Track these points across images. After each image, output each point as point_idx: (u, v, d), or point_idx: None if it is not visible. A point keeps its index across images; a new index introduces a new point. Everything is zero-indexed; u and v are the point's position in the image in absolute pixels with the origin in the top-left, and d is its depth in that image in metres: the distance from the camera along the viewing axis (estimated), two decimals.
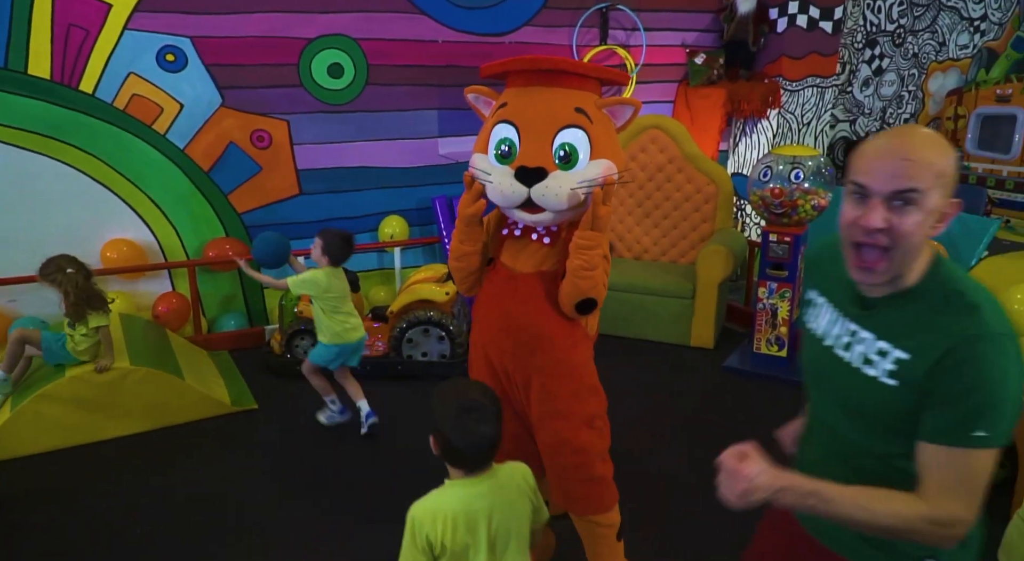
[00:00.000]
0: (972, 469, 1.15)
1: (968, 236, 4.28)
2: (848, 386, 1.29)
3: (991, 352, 1.13)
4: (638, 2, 5.60)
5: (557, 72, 2.19)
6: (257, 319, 5.10)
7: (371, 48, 4.99)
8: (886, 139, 1.20)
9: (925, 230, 1.18)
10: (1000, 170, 6.74)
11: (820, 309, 1.40)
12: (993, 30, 7.24)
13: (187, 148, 4.69)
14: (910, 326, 1.21)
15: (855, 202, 1.21)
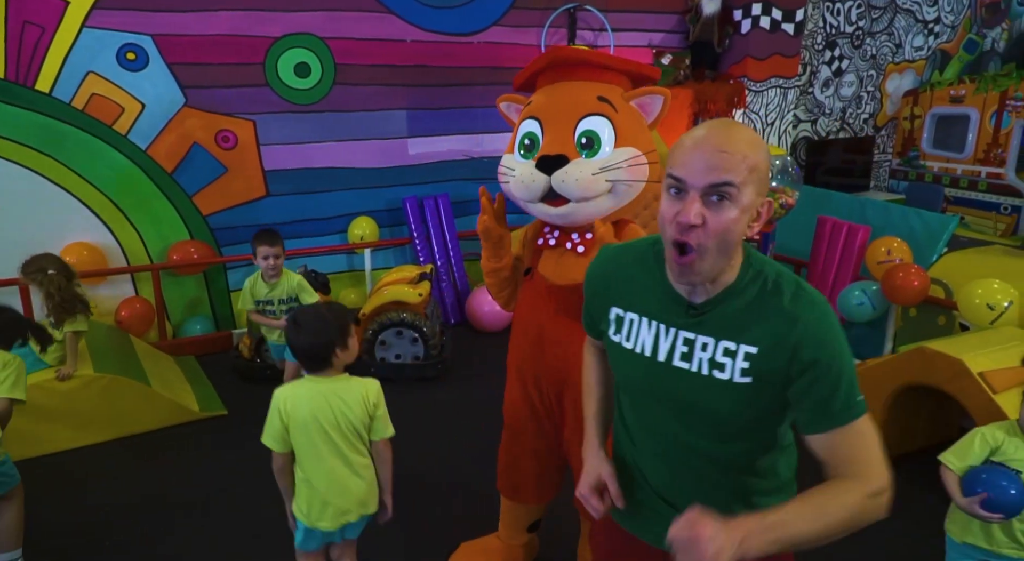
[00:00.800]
0: (870, 433, 1.21)
1: (928, 233, 4.39)
2: (697, 396, 1.25)
3: (829, 324, 1.18)
4: (605, 3, 5.63)
5: (580, 65, 2.20)
6: (224, 323, 5.00)
7: (339, 47, 4.93)
8: (702, 131, 1.18)
9: (741, 228, 1.16)
10: (955, 168, 6.94)
11: (635, 326, 1.33)
12: (946, 32, 7.45)
13: (149, 149, 4.57)
14: (747, 319, 1.21)
15: (672, 198, 1.18)
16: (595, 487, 1.43)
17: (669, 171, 1.18)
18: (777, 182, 4.11)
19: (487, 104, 5.48)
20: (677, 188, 1.17)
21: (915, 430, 3.54)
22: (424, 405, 4.12)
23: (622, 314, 1.35)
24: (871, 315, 4.05)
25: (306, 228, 5.12)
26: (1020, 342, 3.20)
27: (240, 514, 3.12)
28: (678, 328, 1.27)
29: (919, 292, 3.80)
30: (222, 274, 4.95)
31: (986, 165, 6.68)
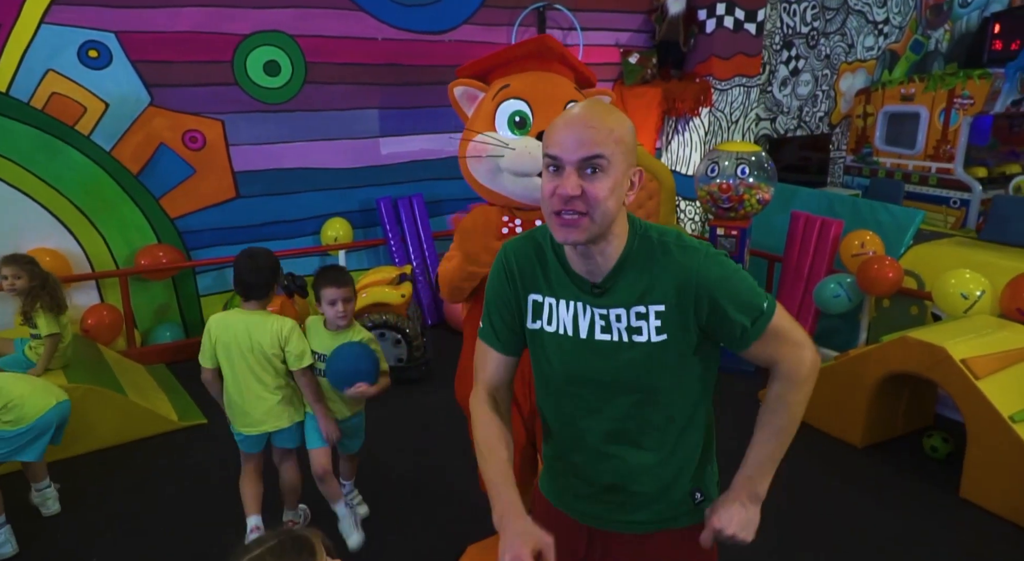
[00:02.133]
0: (786, 329, 1.34)
1: (896, 227, 4.54)
2: (619, 362, 1.33)
3: (716, 262, 1.30)
4: (574, 2, 5.66)
5: (557, 59, 2.31)
6: (193, 330, 4.85)
7: (309, 45, 4.83)
8: (571, 112, 1.27)
9: (619, 196, 1.26)
10: (906, 164, 7.20)
11: (554, 309, 1.38)
12: (895, 33, 7.72)
13: (114, 150, 4.40)
14: (645, 283, 1.30)
15: (551, 175, 1.26)
16: (532, 553, 1.28)
17: (546, 151, 1.26)
18: (754, 178, 4.19)
19: None
20: (555, 166, 1.25)
21: (896, 418, 3.65)
22: (411, 409, 4.07)
23: (540, 299, 1.40)
24: (847, 306, 4.17)
25: (277, 230, 5.01)
26: (996, 329, 3.33)
27: (231, 526, 3.02)
28: (591, 306, 1.34)
29: (894, 283, 3.93)
30: (191, 279, 4.80)
31: (936, 161, 6.94)
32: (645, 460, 1.39)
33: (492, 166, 2.29)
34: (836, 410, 3.60)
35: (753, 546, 1.41)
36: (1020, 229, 4.51)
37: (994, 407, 2.96)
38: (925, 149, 7.02)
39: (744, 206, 4.23)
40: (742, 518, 1.33)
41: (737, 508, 1.34)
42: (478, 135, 2.34)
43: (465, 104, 2.45)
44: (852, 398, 3.54)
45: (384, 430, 3.82)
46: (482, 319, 1.48)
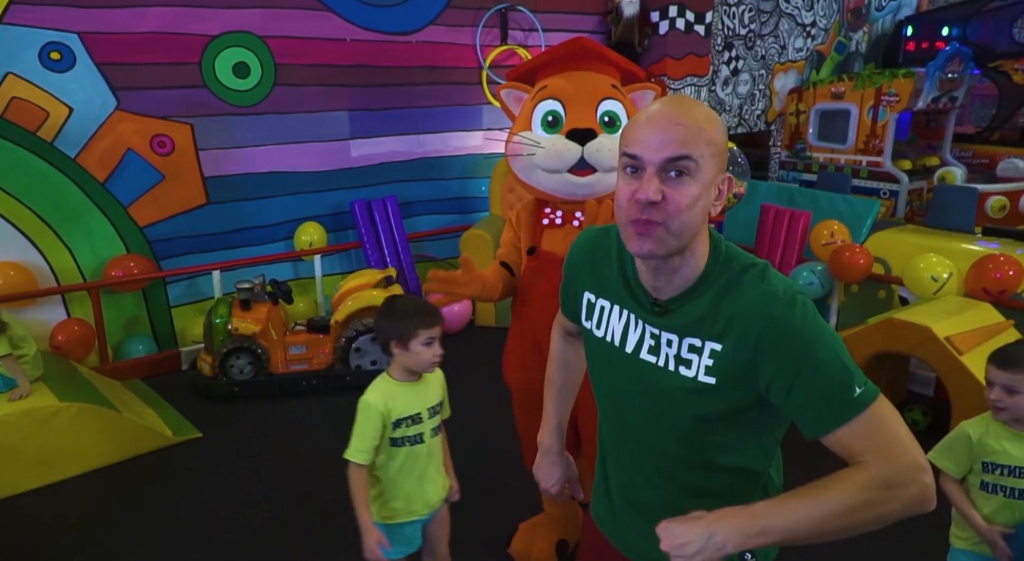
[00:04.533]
0: (880, 423, 1.08)
1: (855, 216, 4.84)
2: (661, 391, 1.20)
3: (796, 315, 1.09)
4: (534, 3, 5.74)
5: (595, 57, 2.43)
6: (165, 342, 4.66)
7: (278, 46, 4.73)
8: (656, 106, 1.13)
9: (704, 206, 1.11)
10: (839, 159, 7.64)
11: (606, 313, 1.28)
12: (821, 35, 8.18)
13: (79, 157, 4.19)
14: (711, 315, 1.14)
15: (629, 177, 1.11)
16: (561, 489, 1.62)
17: (624, 150, 1.13)
18: (728, 173, 4.38)
19: (427, 104, 5.44)
20: (633, 167, 1.10)
21: None
22: None
23: (593, 300, 1.31)
24: (820, 293, 4.42)
25: (250, 236, 4.88)
26: (966, 308, 3.62)
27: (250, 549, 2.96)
28: (644, 322, 1.22)
29: (864, 269, 4.19)
30: (161, 289, 4.62)
31: (866, 155, 7.40)
32: (690, 504, 1.17)
33: (528, 163, 2.44)
34: None
35: None
36: (960, 215, 4.90)
37: (978, 380, 3.21)
38: (856, 144, 7.46)
39: None
40: (687, 541, 1.08)
41: (688, 530, 1.09)
42: (515, 135, 2.46)
43: (512, 105, 2.56)
44: None
45: None
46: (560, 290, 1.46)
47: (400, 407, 2.03)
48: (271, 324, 4.18)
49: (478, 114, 5.72)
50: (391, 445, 2.04)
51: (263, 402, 4.11)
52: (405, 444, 2.05)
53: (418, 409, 2.06)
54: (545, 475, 1.62)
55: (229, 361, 4.08)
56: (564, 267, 1.42)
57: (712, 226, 1.20)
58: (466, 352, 4.85)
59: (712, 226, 1.20)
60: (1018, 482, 1.98)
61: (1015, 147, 8.24)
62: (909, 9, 9.07)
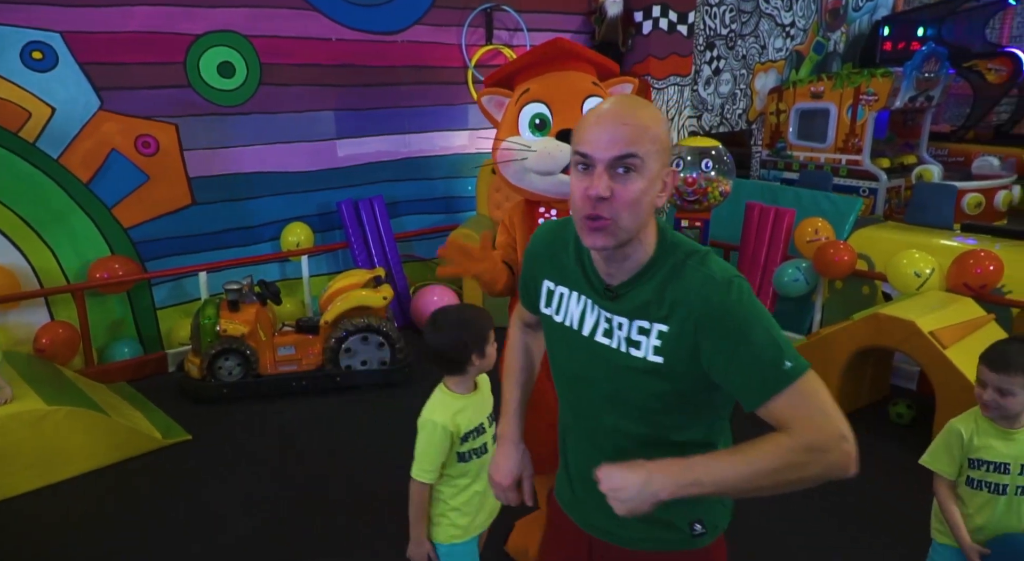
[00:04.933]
0: (808, 396, 1.15)
1: (838, 213, 4.91)
2: (615, 371, 1.28)
3: (733, 296, 1.17)
4: (519, 3, 5.75)
5: (572, 57, 2.46)
6: (151, 345, 4.61)
7: (263, 46, 4.70)
8: (605, 107, 1.21)
9: (650, 198, 1.19)
10: (818, 157, 7.73)
11: (565, 299, 1.36)
12: (799, 35, 8.27)
13: (62, 157, 4.14)
14: (657, 299, 1.22)
15: (581, 174, 1.20)
16: (515, 481, 1.58)
17: (575, 148, 1.20)
18: (715, 172, 4.43)
19: (414, 104, 5.44)
20: (584, 164, 1.19)
21: (862, 390, 3.97)
22: (404, 411, 4.05)
23: (553, 287, 1.39)
24: (805, 290, 4.48)
25: (236, 237, 4.84)
26: (948, 303, 3.69)
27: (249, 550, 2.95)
28: (599, 306, 1.30)
29: (848, 266, 4.26)
30: (147, 291, 4.58)
31: (845, 153, 7.50)
32: None
33: (519, 168, 2.46)
34: None
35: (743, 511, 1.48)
36: (939, 212, 4.98)
37: (962, 373, 3.29)
38: (835, 143, 7.56)
39: (708, 198, 4.46)
40: (623, 486, 1.15)
41: (626, 475, 1.16)
42: (503, 141, 2.48)
43: (494, 110, 2.58)
44: (826, 373, 3.82)
45: (388, 436, 3.81)
46: (519, 282, 1.54)
47: (466, 421, 1.99)
48: (260, 325, 4.16)
49: (464, 114, 5.72)
50: (459, 461, 1.98)
51: (252, 404, 4.08)
52: (473, 458, 2.01)
53: (480, 420, 2.04)
54: (500, 468, 1.59)
55: (217, 363, 4.05)
56: (525, 258, 1.50)
57: (659, 216, 1.29)
58: None
59: (659, 216, 1.29)
60: (1001, 478, 2.01)
61: (989, 145, 8.42)
62: (885, 9, 9.21)
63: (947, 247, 4.29)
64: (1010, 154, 7.97)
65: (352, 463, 3.52)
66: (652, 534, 1.37)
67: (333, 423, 3.92)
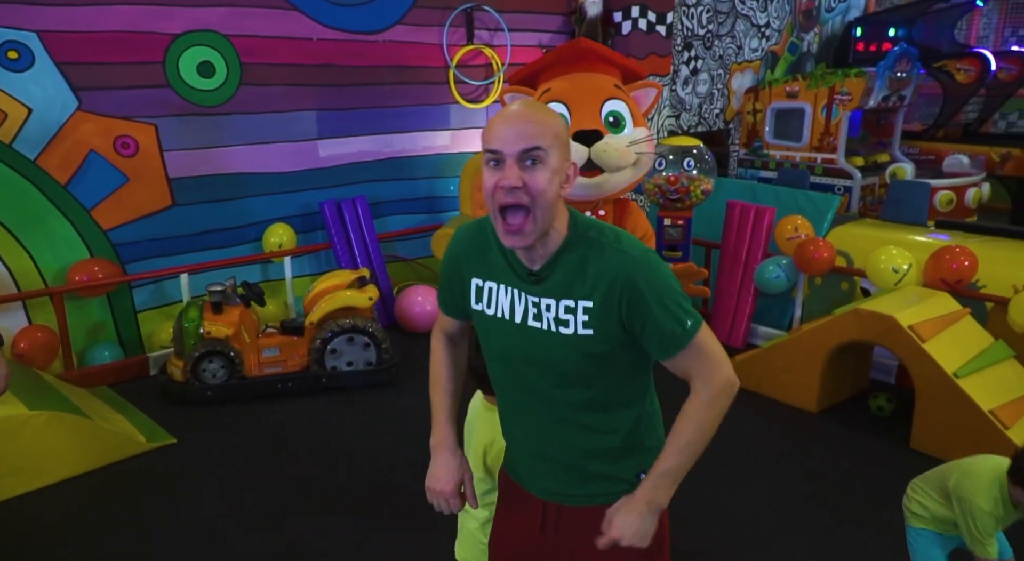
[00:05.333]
0: (706, 347, 1.39)
1: (816, 211, 4.99)
2: (549, 350, 1.40)
3: (645, 267, 1.35)
4: (500, 3, 5.77)
5: (596, 58, 2.45)
6: (131, 348, 4.56)
7: (243, 46, 4.66)
8: (511, 109, 1.35)
9: (556, 187, 1.32)
10: (794, 156, 7.84)
11: (494, 293, 1.47)
12: (775, 36, 8.38)
13: (39, 159, 4.08)
14: (577, 278, 1.36)
15: (492, 169, 1.33)
16: (457, 487, 1.63)
17: (486, 147, 1.33)
18: (697, 171, 4.48)
19: (395, 104, 5.43)
20: (496, 160, 1.32)
21: (843, 384, 4.04)
22: (392, 411, 4.05)
23: (481, 284, 1.49)
24: (785, 286, 4.55)
25: (217, 239, 4.80)
26: (926, 298, 3.77)
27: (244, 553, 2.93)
28: (525, 293, 1.42)
29: (828, 262, 4.33)
30: (127, 294, 4.52)
31: (821, 152, 7.61)
32: (586, 440, 1.47)
33: None
34: (793, 380, 3.94)
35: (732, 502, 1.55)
36: (914, 209, 5.08)
37: (940, 366, 3.37)
38: (810, 141, 7.67)
39: (690, 197, 4.51)
40: (639, 529, 1.39)
41: (635, 518, 1.39)
42: None
43: None
44: (808, 368, 3.89)
45: (374, 437, 3.80)
46: (439, 281, 1.63)
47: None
48: (244, 327, 4.13)
49: (446, 114, 5.72)
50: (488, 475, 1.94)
51: (237, 406, 4.05)
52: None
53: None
54: (440, 476, 1.64)
55: (201, 365, 4.01)
56: (446, 262, 1.58)
57: (568, 203, 1.44)
58: None
59: (568, 203, 1.44)
60: None
61: (958, 143, 8.60)
62: (857, 11, 9.36)
63: (922, 243, 4.38)
64: (979, 152, 8.15)
65: (341, 463, 3.51)
66: (604, 489, 1.50)
67: (321, 424, 3.91)
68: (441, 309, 1.66)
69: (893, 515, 3.05)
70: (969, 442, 3.32)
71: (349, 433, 3.82)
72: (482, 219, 1.52)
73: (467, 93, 5.80)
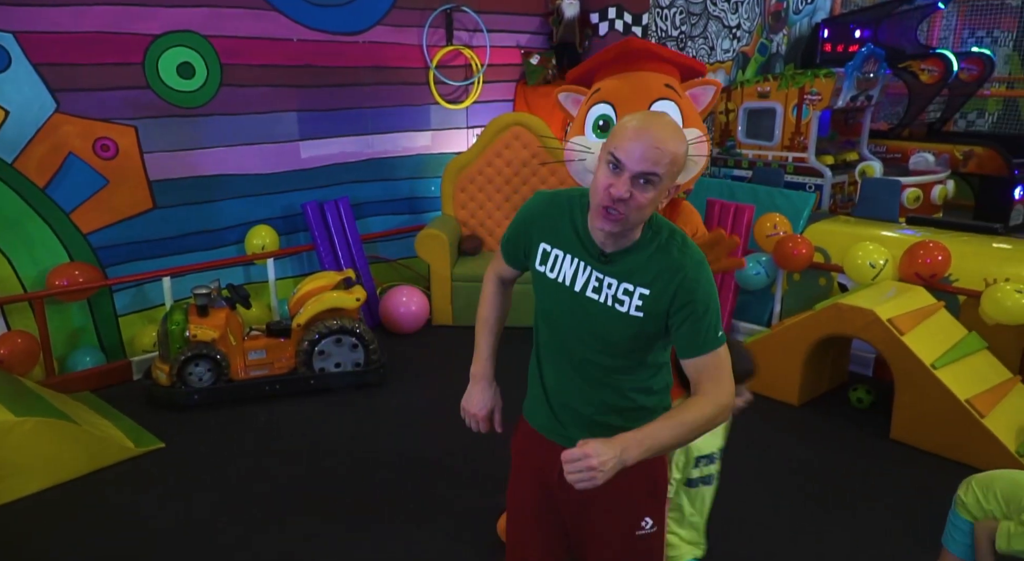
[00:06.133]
0: (723, 360, 1.57)
1: (792, 209, 5.10)
2: (601, 322, 1.59)
3: (702, 276, 1.54)
4: (478, 4, 5.79)
5: (646, 56, 2.45)
6: (112, 353, 4.50)
7: (223, 46, 4.63)
8: (642, 123, 1.45)
9: (656, 204, 1.49)
10: (766, 155, 7.98)
11: (559, 260, 1.62)
12: (745, 37, 8.53)
13: (16, 162, 4.01)
14: (644, 269, 1.54)
15: (610, 171, 1.45)
16: (488, 413, 1.89)
17: (611, 150, 1.45)
18: None
19: (376, 104, 5.43)
20: (615, 164, 1.45)
21: (823, 377, 4.14)
22: (384, 412, 4.06)
23: (549, 249, 1.64)
24: (765, 282, 4.65)
25: (199, 241, 4.76)
26: (902, 292, 3.88)
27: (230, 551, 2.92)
28: (592, 268, 1.58)
29: (806, 259, 4.44)
30: (108, 298, 4.46)
31: (792, 151, 7.76)
32: (610, 398, 1.66)
33: (580, 168, 2.55)
34: (775, 374, 4.02)
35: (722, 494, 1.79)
36: (886, 206, 5.22)
37: (918, 358, 3.47)
38: (782, 141, 7.82)
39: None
40: (603, 463, 1.37)
41: (610, 454, 1.39)
42: (567, 141, 2.54)
43: (570, 107, 2.63)
44: (789, 361, 3.98)
45: (368, 437, 3.81)
46: (507, 232, 1.78)
47: (700, 443, 2.01)
48: (230, 330, 4.10)
49: (426, 114, 5.74)
50: (688, 486, 2.05)
51: (225, 409, 4.03)
52: (699, 486, 2.09)
53: (713, 449, 2.09)
54: (476, 401, 1.88)
55: (187, 369, 3.98)
56: (520, 221, 1.73)
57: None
58: (427, 351, 4.88)
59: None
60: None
61: (922, 142, 8.82)
62: (824, 13, 9.55)
63: (895, 239, 4.50)
64: (943, 150, 8.38)
65: (333, 464, 3.51)
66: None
67: (311, 425, 3.90)
68: (503, 256, 1.81)
69: (876, 503, 3.17)
70: (947, 431, 3.45)
71: (339, 434, 3.82)
72: (566, 191, 1.68)
73: (447, 94, 5.82)
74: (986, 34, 10.99)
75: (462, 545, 2.88)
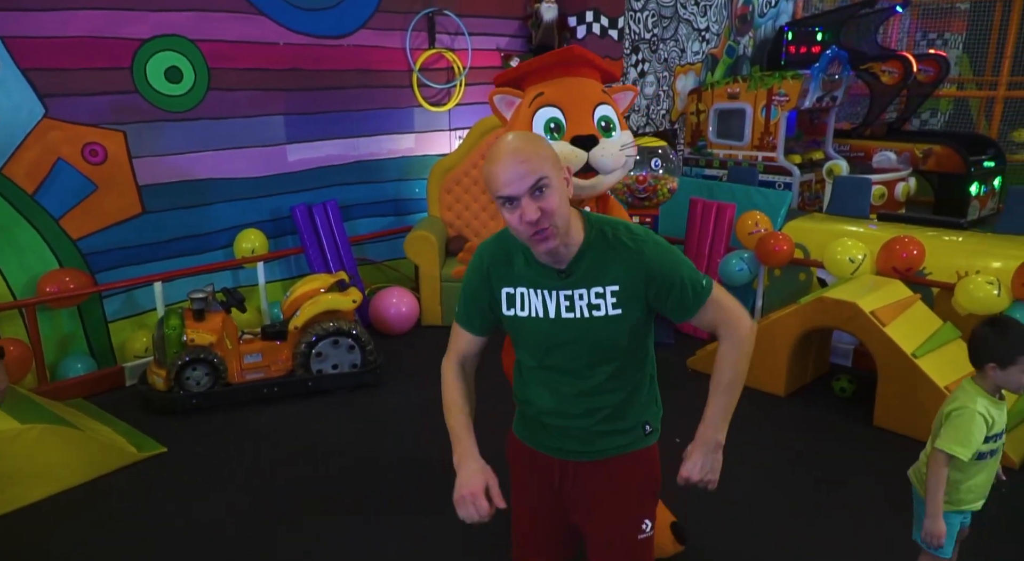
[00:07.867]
0: (723, 301, 1.67)
1: (770, 207, 5.28)
2: (585, 334, 1.63)
3: (660, 248, 1.62)
4: (459, 7, 5.86)
5: (584, 63, 2.59)
6: (103, 359, 4.47)
7: (211, 50, 4.62)
8: (496, 157, 1.50)
9: (565, 197, 1.53)
10: (737, 154, 8.20)
11: (526, 296, 1.66)
12: (714, 39, 8.74)
13: (5, 168, 3.97)
14: (604, 269, 1.59)
15: (510, 209, 1.50)
16: (483, 488, 1.63)
17: (498, 194, 1.50)
18: (663, 170, 4.70)
19: (361, 107, 5.46)
20: (509, 201, 1.49)
21: (806, 368, 4.31)
22: (381, 413, 4.11)
23: (512, 291, 1.68)
24: (748, 278, 4.81)
25: (188, 245, 4.74)
26: (881, 285, 4.06)
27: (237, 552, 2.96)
28: (557, 290, 1.63)
29: (787, 255, 4.60)
30: (98, 304, 4.42)
31: (761, 150, 7.99)
32: (608, 402, 1.70)
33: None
34: (762, 366, 4.16)
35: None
36: (857, 204, 5.43)
37: (900, 348, 3.65)
38: (752, 140, 8.04)
39: (657, 195, 4.72)
40: (706, 465, 1.68)
41: (698, 456, 1.68)
42: None
43: (504, 109, 2.68)
44: (775, 354, 4.14)
45: (370, 437, 3.86)
46: (458, 306, 1.79)
47: (997, 424, 2.17)
48: (226, 333, 4.11)
49: (410, 117, 5.79)
50: (976, 458, 2.17)
51: (223, 413, 4.04)
52: (986, 457, 2.21)
53: (1001, 428, 2.20)
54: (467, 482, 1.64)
55: (185, 373, 3.98)
56: (471, 278, 1.74)
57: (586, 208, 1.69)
58: (417, 351, 4.93)
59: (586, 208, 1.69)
60: (996, 444, 2.21)
61: (883, 141, 9.13)
62: (787, 16, 9.82)
63: (868, 234, 4.69)
64: (904, 149, 8.69)
65: (334, 464, 3.56)
66: (616, 442, 1.74)
67: (310, 426, 3.94)
68: (464, 328, 1.78)
69: (862, 487, 3.33)
70: (928, 417, 3.60)
71: (339, 434, 3.87)
72: (499, 234, 1.72)
73: (430, 96, 5.88)
74: (937, 36, 11.40)
75: (464, 545, 2.93)
